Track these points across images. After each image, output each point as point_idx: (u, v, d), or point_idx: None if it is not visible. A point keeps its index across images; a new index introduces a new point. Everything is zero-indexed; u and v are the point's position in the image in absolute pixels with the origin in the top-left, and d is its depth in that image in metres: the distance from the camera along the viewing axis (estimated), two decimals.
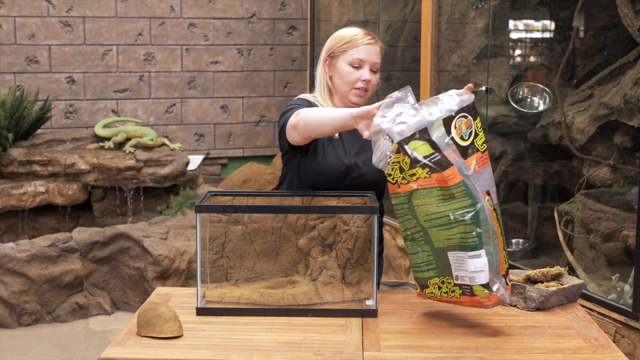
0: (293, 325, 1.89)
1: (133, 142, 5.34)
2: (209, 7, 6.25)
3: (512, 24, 4.42)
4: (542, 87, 4.02)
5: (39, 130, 5.69)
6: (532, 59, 4.55)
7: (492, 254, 1.78)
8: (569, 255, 3.46)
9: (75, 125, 6.02)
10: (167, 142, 5.48)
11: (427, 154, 1.78)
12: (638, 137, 3.36)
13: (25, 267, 4.27)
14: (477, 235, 1.76)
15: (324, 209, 2.01)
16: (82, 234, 4.46)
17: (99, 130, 5.53)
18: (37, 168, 5.11)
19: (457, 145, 1.78)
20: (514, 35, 4.48)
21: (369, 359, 1.69)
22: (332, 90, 2.33)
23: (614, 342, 2.84)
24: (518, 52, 4.58)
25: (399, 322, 1.92)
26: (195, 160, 5.71)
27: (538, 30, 4.49)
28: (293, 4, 6.46)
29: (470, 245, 1.77)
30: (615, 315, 2.90)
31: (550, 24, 4.35)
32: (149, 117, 6.19)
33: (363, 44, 2.25)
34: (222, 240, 2.01)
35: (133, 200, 5.28)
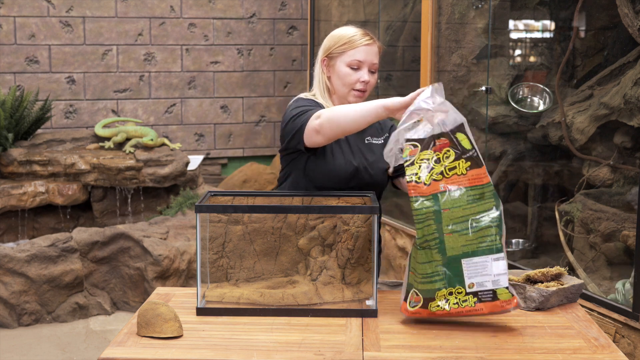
0: (293, 325, 1.89)
1: (133, 142, 5.34)
2: (209, 7, 6.25)
3: (512, 24, 4.42)
4: (542, 87, 4.02)
5: (39, 130, 5.69)
6: (532, 59, 4.55)
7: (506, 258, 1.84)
8: (570, 255, 3.46)
9: (75, 125, 6.02)
10: (167, 142, 5.48)
11: (469, 148, 1.82)
12: (638, 137, 3.36)
13: (25, 267, 4.27)
14: (500, 238, 1.81)
15: (324, 209, 2.01)
16: (82, 234, 4.46)
17: (99, 130, 5.53)
18: (37, 168, 5.11)
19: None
20: (514, 35, 4.48)
21: (369, 359, 1.69)
22: (330, 91, 2.33)
23: (614, 342, 2.84)
24: (518, 52, 4.58)
25: (399, 322, 1.92)
26: (195, 160, 5.71)
27: (538, 30, 4.49)
28: (293, 4, 6.46)
29: (496, 248, 1.80)
30: (615, 315, 2.90)
31: (550, 24, 4.35)
32: (149, 117, 6.19)
33: (361, 45, 2.25)
34: (222, 240, 2.01)
35: (133, 200, 5.28)
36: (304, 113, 2.14)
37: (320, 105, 2.27)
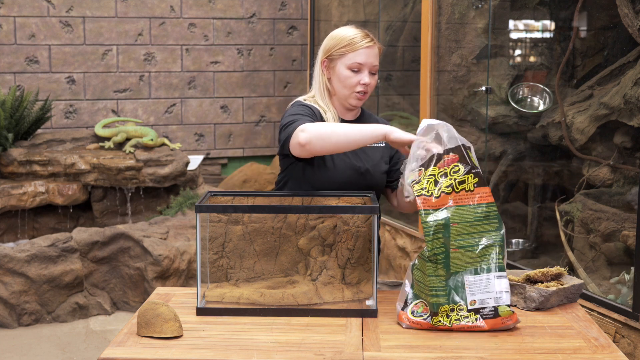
0: (293, 325, 1.89)
1: (133, 142, 5.34)
2: (209, 7, 6.25)
3: (512, 24, 4.42)
4: (542, 87, 4.02)
5: (39, 130, 5.69)
6: (532, 59, 4.55)
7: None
8: (571, 255, 3.46)
9: (75, 125, 6.02)
10: (167, 142, 5.48)
11: (477, 166, 1.89)
12: (638, 137, 3.36)
13: (25, 267, 4.27)
14: (503, 258, 1.86)
15: (324, 209, 2.01)
16: (82, 234, 4.46)
17: (99, 130, 5.53)
18: (37, 168, 5.11)
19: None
20: (514, 35, 4.48)
21: (369, 359, 1.69)
22: (331, 92, 2.32)
23: (614, 342, 2.84)
24: (518, 52, 4.58)
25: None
26: (195, 160, 5.71)
27: (538, 30, 4.49)
28: (293, 4, 6.46)
29: (499, 266, 1.85)
30: (615, 315, 2.90)
31: (550, 24, 4.35)
32: (149, 117, 6.19)
33: (362, 48, 2.23)
34: (222, 240, 2.01)
35: (133, 200, 5.28)
36: (294, 123, 2.12)
37: (316, 111, 2.25)
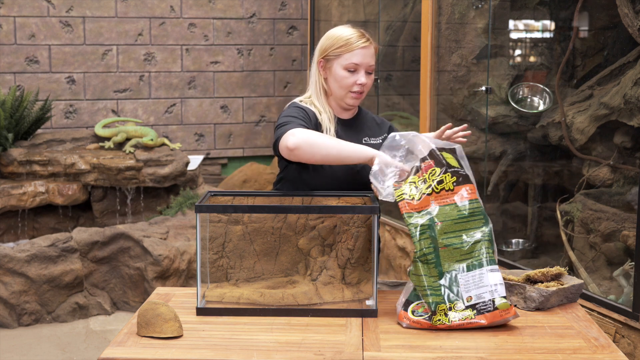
0: (293, 325, 1.89)
1: (133, 142, 5.34)
2: (209, 7, 6.25)
3: (512, 24, 4.42)
4: (542, 87, 4.02)
5: (39, 130, 5.69)
6: (532, 59, 4.54)
7: None
8: (572, 254, 3.46)
9: (75, 125, 6.02)
10: (167, 142, 5.48)
11: (456, 166, 1.90)
12: (638, 137, 3.36)
13: (25, 267, 4.27)
14: (493, 252, 1.88)
15: (324, 209, 2.01)
16: (82, 234, 4.46)
17: (99, 130, 5.53)
18: (37, 168, 5.11)
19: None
20: (514, 35, 4.48)
21: (369, 359, 1.69)
22: (327, 92, 2.32)
23: (614, 342, 2.84)
24: (518, 52, 4.58)
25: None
26: (195, 160, 5.71)
27: (538, 30, 4.49)
28: (293, 4, 6.46)
29: (491, 260, 1.86)
30: (615, 315, 2.90)
31: (550, 24, 4.34)
32: (149, 117, 6.19)
33: (358, 48, 2.24)
34: (222, 240, 2.01)
35: (133, 200, 5.28)
36: (286, 125, 2.13)
37: (311, 114, 2.26)
